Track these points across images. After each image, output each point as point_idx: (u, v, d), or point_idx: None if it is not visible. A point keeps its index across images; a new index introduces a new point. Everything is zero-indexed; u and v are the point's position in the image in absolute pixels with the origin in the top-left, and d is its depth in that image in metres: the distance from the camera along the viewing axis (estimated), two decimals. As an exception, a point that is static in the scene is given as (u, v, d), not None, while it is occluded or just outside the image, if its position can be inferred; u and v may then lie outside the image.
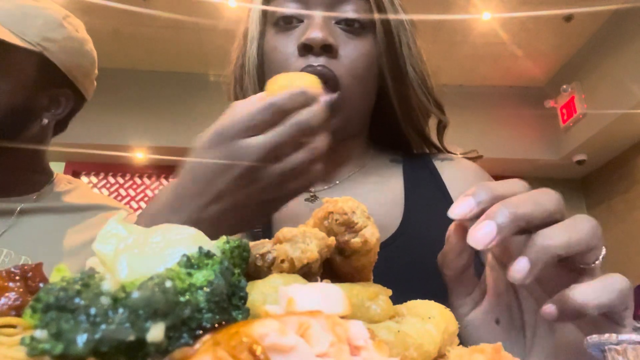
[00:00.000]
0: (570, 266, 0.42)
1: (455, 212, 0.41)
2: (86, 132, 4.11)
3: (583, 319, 0.40)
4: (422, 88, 0.77)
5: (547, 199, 0.41)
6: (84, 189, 1.17)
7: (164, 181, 4.59)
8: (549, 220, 0.40)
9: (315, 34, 0.68)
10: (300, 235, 0.32)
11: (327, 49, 0.69)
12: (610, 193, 4.56)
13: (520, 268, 0.38)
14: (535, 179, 4.83)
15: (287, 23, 0.73)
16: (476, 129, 4.31)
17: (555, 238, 0.39)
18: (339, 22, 0.72)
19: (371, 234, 0.33)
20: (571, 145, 4.34)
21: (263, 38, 0.76)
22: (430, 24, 3.77)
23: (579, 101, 4.16)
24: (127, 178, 4.57)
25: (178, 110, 4.34)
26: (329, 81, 0.68)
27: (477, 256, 0.57)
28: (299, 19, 0.72)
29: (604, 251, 0.42)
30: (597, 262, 0.41)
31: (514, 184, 0.43)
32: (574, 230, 0.40)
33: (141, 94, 4.41)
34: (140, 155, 4.38)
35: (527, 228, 0.40)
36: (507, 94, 4.59)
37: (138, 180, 4.57)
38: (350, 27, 0.72)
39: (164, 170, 4.55)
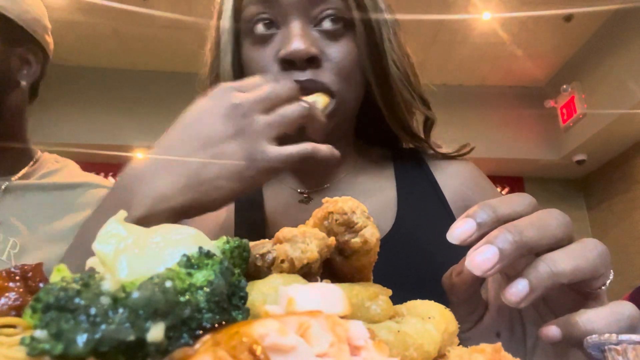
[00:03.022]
0: (575, 288, 0.40)
1: (455, 235, 0.38)
2: (86, 132, 4.11)
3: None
4: (405, 84, 0.73)
5: (554, 223, 0.38)
6: (72, 168, 1.10)
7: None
8: (555, 247, 0.38)
9: (297, 45, 0.63)
10: (300, 235, 0.32)
11: (312, 60, 0.64)
12: (610, 193, 4.56)
13: (517, 291, 0.36)
14: (535, 179, 4.83)
15: (264, 31, 0.67)
16: (476, 129, 4.31)
17: (560, 265, 0.36)
18: (317, 24, 0.67)
19: (371, 234, 0.33)
20: (571, 145, 4.34)
21: (237, 48, 0.71)
22: (430, 24, 3.77)
23: (579, 101, 4.16)
24: (127, 178, 4.57)
25: (178, 110, 4.32)
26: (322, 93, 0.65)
27: None
28: (276, 26, 0.67)
29: (611, 276, 0.40)
30: (603, 287, 0.40)
31: (519, 202, 0.40)
32: (581, 257, 0.37)
33: (141, 94, 4.41)
34: (140, 155, 4.38)
35: (532, 253, 0.37)
36: (507, 94, 4.60)
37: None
38: (331, 30, 0.67)
39: (164, 170, 4.55)
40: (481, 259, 0.35)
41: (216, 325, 0.23)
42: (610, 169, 4.55)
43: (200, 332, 0.23)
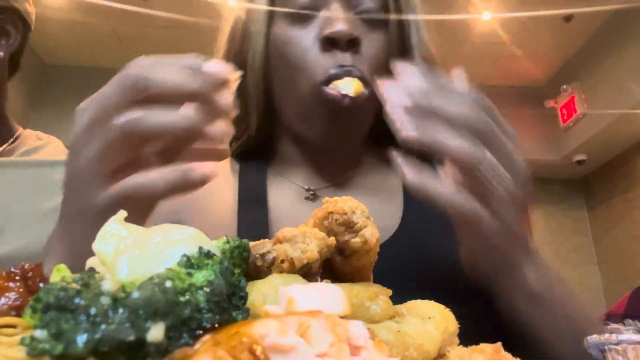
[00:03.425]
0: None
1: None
2: (86, 132, 4.10)
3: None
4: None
5: (467, 112, 0.45)
6: (55, 145, 1.03)
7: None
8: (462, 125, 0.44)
9: (341, 26, 0.62)
10: (300, 235, 0.32)
11: (352, 44, 0.64)
12: (610, 193, 4.56)
13: (408, 130, 0.44)
14: (535, 179, 4.82)
15: (302, 13, 0.66)
16: (476, 129, 4.30)
17: (450, 139, 0.43)
18: (356, 13, 0.67)
19: (371, 234, 0.33)
20: (571, 145, 4.34)
21: (270, 31, 0.69)
22: (430, 24, 3.77)
23: (579, 101, 4.16)
24: (127, 178, 4.56)
25: (178, 110, 4.33)
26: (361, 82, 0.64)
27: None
28: (315, 9, 0.66)
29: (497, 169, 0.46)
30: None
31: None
32: (465, 148, 0.43)
33: (141, 94, 4.41)
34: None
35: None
36: (507, 94, 4.59)
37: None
38: (368, 19, 0.67)
39: (164, 170, 4.55)
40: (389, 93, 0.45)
41: (216, 325, 0.23)
42: (610, 169, 4.55)
43: (200, 332, 0.23)
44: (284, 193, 0.74)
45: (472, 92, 0.48)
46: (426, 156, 0.47)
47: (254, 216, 0.70)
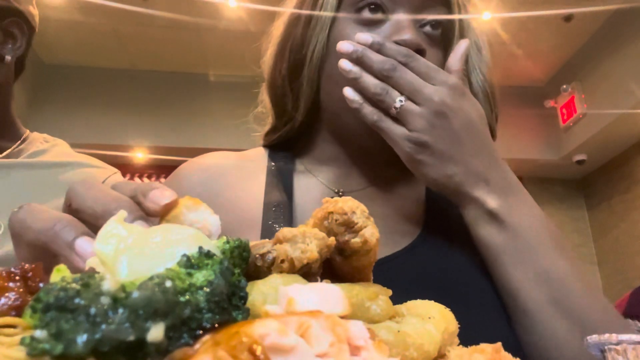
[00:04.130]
0: None
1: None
2: (86, 132, 4.11)
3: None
4: (489, 99, 0.73)
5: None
6: (62, 147, 1.04)
7: (163, 181, 4.60)
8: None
9: (410, 35, 0.64)
10: (300, 235, 0.32)
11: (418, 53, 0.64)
12: (610, 193, 4.56)
13: (346, 66, 0.62)
14: (535, 179, 4.83)
15: (370, 14, 0.67)
16: (476, 129, 4.30)
17: (364, 81, 0.61)
18: (421, 25, 0.69)
19: (371, 234, 0.33)
20: (571, 145, 4.34)
21: (333, 28, 0.70)
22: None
23: (579, 101, 4.16)
24: (127, 178, 4.57)
25: (178, 110, 4.34)
26: None
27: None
28: (383, 11, 0.68)
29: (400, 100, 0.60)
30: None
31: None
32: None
33: (141, 94, 4.41)
34: (140, 155, 4.39)
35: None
36: (507, 94, 4.58)
37: (138, 180, 4.58)
38: (431, 34, 0.69)
39: (164, 170, 4.56)
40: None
41: (216, 325, 0.23)
42: (610, 169, 4.55)
43: (200, 332, 0.23)
44: (310, 191, 0.74)
45: (401, 49, 0.61)
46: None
47: (278, 212, 0.69)
